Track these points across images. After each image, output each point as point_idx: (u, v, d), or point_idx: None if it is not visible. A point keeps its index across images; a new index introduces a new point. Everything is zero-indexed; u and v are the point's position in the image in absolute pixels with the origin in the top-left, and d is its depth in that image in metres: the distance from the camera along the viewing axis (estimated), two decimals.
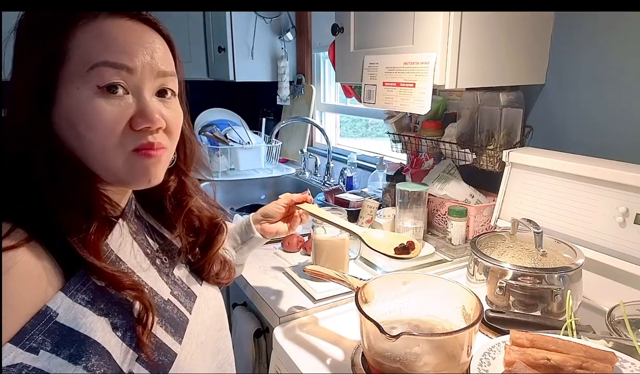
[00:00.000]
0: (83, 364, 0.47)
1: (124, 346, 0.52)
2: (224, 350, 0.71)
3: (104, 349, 0.49)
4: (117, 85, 0.51)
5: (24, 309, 0.46)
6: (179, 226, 0.68)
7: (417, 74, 1.06)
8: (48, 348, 0.46)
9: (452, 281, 0.85)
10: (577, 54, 1.12)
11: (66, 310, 0.48)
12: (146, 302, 0.53)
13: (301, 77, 2.41)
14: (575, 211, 1.02)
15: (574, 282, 0.88)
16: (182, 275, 0.67)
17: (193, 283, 0.68)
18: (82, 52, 0.50)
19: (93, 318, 0.50)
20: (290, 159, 2.46)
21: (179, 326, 0.60)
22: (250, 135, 2.28)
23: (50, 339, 0.47)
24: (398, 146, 1.54)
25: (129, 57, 0.52)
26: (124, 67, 0.51)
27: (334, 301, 1.01)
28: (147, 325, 0.53)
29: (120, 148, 0.52)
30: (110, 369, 0.50)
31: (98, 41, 0.50)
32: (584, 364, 0.68)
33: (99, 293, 0.51)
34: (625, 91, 1.04)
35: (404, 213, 1.24)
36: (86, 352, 0.48)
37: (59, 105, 0.51)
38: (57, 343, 0.47)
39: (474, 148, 1.28)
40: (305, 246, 1.28)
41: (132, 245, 0.59)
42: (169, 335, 0.58)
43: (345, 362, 0.81)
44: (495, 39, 1.06)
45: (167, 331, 0.57)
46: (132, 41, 0.52)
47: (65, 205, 0.50)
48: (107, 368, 0.49)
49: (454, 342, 0.73)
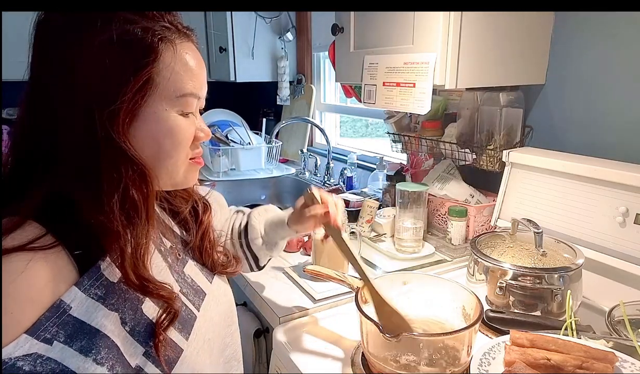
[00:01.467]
0: (93, 356, 0.50)
1: (132, 341, 0.55)
2: (232, 345, 0.74)
3: (113, 342, 0.52)
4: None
5: (40, 303, 0.49)
6: (190, 221, 0.73)
7: (417, 74, 1.06)
8: (61, 339, 0.49)
9: (452, 281, 0.85)
10: (577, 54, 1.12)
11: (79, 303, 0.51)
12: (175, 309, 0.58)
13: (301, 77, 2.41)
14: (575, 211, 1.02)
15: (574, 282, 0.88)
16: (192, 273, 0.69)
17: (203, 281, 0.70)
18: (171, 82, 0.56)
19: (104, 312, 0.53)
20: (291, 159, 2.46)
21: (187, 322, 0.63)
22: (250, 136, 2.28)
23: (64, 331, 0.49)
24: (398, 146, 1.54)
25: (202, 88, 0.61)
26: (201, 97, 0.61)
27: (334, 301, 1.01)
28: (167, 329, 0.57)
29: (186, 158, 0.62)
30: (118, 362, 0.52)
31: (184, 73, 0.57)
32: (584, 364, 0.68)
33: (110, 289, 0.54)
34: (625, 91, 1.04)
35: (404, 213, 1.24)
36: (96, 345, 0.51)
37: (142, 121, 0.55)
38: (69, 335, 0.50)
39: (474, 148, 1.28)
40: (305, 246, 1.28)
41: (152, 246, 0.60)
42: (176, 331, 0.60)
43: (345, 362, 0.81)
44: (495, 39, 1.06)
45: (175, 328, 0.60)
46: (200, 71, 0.60)
47: (124, 206, 0.54)
48: (115, 360, 0.52)
49: (454, 342, 0.73)
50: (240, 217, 0.96)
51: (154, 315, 0.57)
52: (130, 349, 0.54)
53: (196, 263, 0.71)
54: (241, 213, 0.97)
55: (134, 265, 0.54)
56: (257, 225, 0.91)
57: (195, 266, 0.71)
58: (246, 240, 0.91)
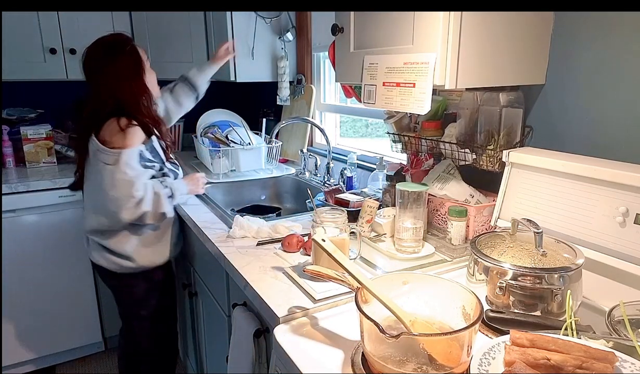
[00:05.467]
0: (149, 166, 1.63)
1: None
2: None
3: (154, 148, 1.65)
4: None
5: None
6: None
7: (417, 74, 1.06)
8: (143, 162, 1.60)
9: (452, 281, 0.85)
10: (577, 54, 1.12)
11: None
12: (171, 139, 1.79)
13: (301, 77, 2.41)
14: (575, 211, 1.02)
15: (574, 282, 0.88)
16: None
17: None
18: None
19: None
20: (291, 159, 2.46)
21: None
22: (251, 136, 2.28)
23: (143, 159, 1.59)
24: (398, 146, 1.54)
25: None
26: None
27: (334, 301, 1.01)
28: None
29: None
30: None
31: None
32: (584, 364, 0.68)
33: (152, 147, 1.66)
34: (625, 91, 1.04)
35: (404, 213, 1.24)
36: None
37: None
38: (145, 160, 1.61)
39: (474, 148, 1.28)
40: (305, 246, 1.28)
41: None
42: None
43: (345, 362, 0.81)
44: (495, 39, 1.07)
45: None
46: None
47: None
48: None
49: (454, 342, 0.73)
50: (166, 93, 1.98)
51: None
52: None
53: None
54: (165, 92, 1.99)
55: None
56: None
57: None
58: (175, 86, 1.99)
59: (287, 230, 1.40)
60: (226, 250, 1.32)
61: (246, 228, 1.42)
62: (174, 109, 1.98)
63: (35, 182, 2.21)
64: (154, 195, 1.54)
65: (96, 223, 1.62)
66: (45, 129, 2.46)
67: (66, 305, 2.36)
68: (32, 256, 2.25)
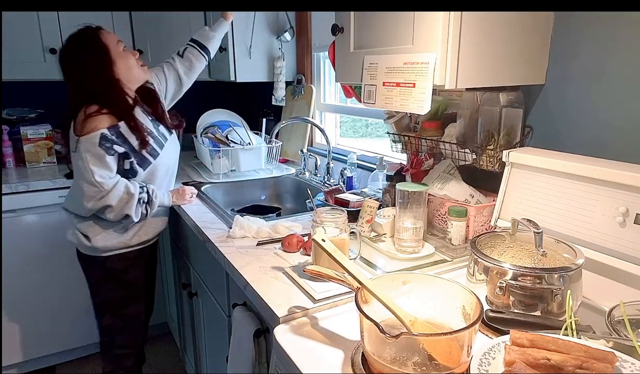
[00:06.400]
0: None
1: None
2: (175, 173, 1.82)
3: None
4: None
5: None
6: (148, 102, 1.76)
7: (417, 74, 1.06)
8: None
9: (452, 281, 0.85)
10: (577, 54, 1.12)
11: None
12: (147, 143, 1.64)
13: (301, 77, 2.41)
14: (575, 211, 1.02)
15: (574, 282, 0.88)
16: (160, 128, 1.71)
17: (165, 132, 1.73)
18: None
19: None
20: (291, 159, 2.46)
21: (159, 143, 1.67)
22: (251, 136, 2.28)
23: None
24: (398, 146, 1.54)
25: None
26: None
27: (334, 301, 1.01)
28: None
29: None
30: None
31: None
32: (584, 364, 0.68)
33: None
34: (625, 91, 1.04)
35: (404, 213, 1.24)
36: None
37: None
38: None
39: (474, 148, 1.28)
40: (305, 246, 1.28)
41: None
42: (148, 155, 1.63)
43: (345, 362, 0.81)
44: (495, 39, 1.06)
45: (147, 152, 1.61)
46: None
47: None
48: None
49: (454, 342, 0.73)
50: (175, 59, 1.95)
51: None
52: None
53: (159, 124, 1.70)
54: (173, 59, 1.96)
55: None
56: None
57: (160, 125, 1.70)
58: (185, 51, 1.95)
59: (287, 230, 1.40)
60: (226, 250, 1.32)
61: (246, 228, 1.42)
62: (186, 73, 1.97)
63: (35, 182, 2.21)
64: (125, 194, 1.54)
65: (71, 205, 1.67)
66: (45, 129, 2.46)
67: (66, 304, 2.36)
68: (32, 256, 2.25)
